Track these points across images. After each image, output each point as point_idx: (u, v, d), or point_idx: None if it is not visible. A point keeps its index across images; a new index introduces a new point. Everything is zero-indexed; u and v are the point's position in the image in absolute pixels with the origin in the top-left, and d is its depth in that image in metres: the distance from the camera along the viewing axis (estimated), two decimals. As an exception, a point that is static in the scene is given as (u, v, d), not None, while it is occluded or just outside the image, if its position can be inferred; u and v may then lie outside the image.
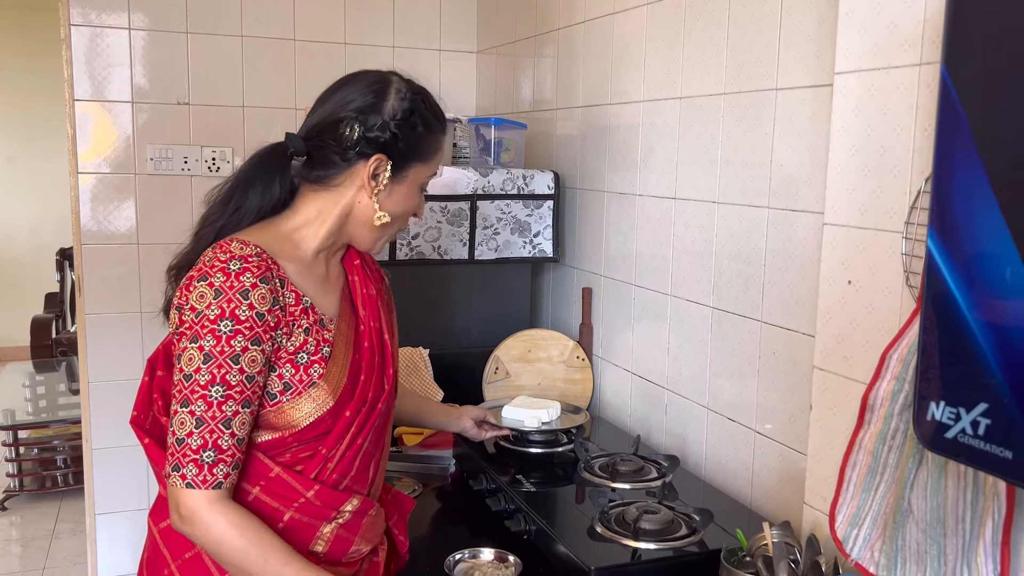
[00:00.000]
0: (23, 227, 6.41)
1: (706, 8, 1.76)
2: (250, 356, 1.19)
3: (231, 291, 1.19)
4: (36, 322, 5.12)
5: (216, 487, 1.17)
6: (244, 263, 1.21)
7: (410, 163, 1.34)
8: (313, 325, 1.28)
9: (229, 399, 1.18)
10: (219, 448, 1.18)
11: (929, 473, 1.10)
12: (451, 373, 2.27)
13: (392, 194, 1.34)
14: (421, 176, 1.37)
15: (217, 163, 2.73)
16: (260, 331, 1.20)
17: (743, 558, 1.37)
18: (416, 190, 1.38)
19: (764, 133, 1.61)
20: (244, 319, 1.19)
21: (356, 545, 1.33)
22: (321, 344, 1.28)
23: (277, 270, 1.25)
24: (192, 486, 1.16)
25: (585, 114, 2.29)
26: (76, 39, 2.57)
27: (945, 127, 0.95)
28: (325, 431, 1.29)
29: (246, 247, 1.23)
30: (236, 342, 1.18)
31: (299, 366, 1.25)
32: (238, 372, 1.19)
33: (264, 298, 1.21)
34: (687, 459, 1.86)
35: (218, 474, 1.17)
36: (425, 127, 1.34)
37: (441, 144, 1.39)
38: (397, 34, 2.92)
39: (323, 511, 1.29)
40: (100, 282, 2.66)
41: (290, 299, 1.26)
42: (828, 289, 1.36)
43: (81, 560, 3.34)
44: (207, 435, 1.17)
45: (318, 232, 1.33)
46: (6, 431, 3.96)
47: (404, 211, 1.37)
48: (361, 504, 1.33)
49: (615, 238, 2.16)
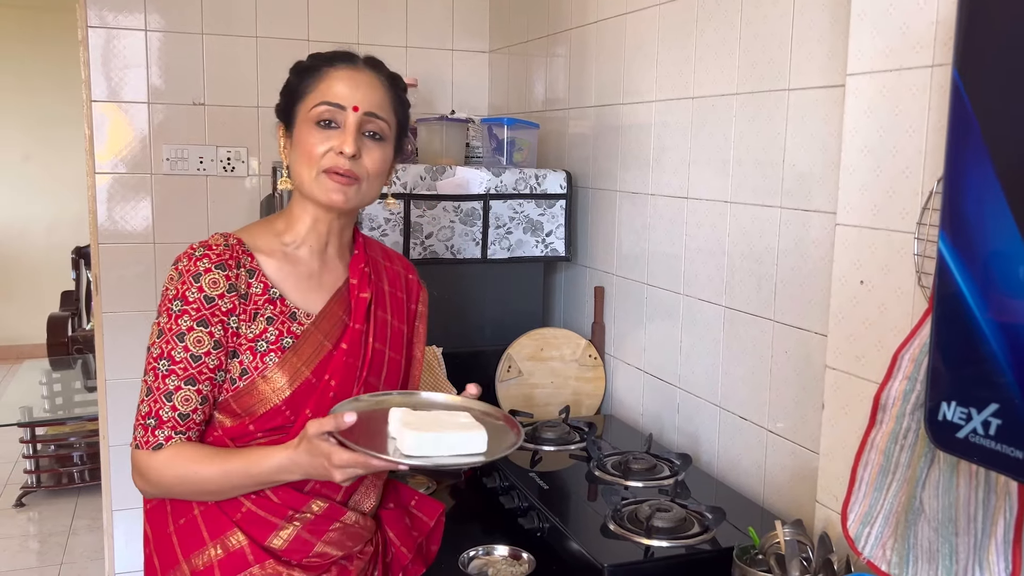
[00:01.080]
0: (39, 226, 6.47)
1: (718, 8, 1.77)
2: (195, 336, 1.28)
3: (187, 274, 1.29)
4: (52, 320, 5.17)
5: (156, 448, 1.27)
6: (206, 250, 1.31)
7: (292, 107, 1.37)
8: (278, 316, 1.32)
9: (172, 374, 1.27)
10: (159, 418, 1.27)
11: (941, 472, 1.10)
12: (464, 371, 2.28)
13: (294, 145, 1.36)
14: (306, 110, 1.33)
15: (232, 163, 2.76)
16: (207, 313, 1.28)
17: (755, 556, 1.38)
18: (307, 128, 1.33)
19: (776, 133, 1.61)
20: (192, 300, 1.28)
21: (319, 548, 1.34)
22: (284, 335, 1.32)
23: (250, 261, 1.33)
24: (138, 447, 1.28)
25: (597, 114, 2.30)
26: (93, 41, 2.60)
27: (957, 129, 0.95)
28: (284, 424, 1.32)
29: (223, 239, 1.34)
30: (182, 321, 1.28)
31: (257, 353, 1.31)
32: (183, 350, 1.27)
33: (216, 283, 1.29)
34: (699, 457, 1.87)
35: (159, 436, 1.27)
36: (295, 72, 1.38)
37: (322, 75, 1.34)
38: (410, 34, 2.94)
39: (280, 509, 1.32)
40: (117, 281, 2.70)
41: (256, 289, 1.32)
42: (840, 289, 1.37)
43: (98, 556, 3.38)
44: (151, 404, 1.28)
45: (289, 220, 1.40)
46: (24, 428, 4.00)
47: (301, 150, 1.33)
48: (328, 509, 1.34)
49: (627, 237, 2.17)
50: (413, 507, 1.55)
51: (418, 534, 1.53)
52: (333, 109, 1.31)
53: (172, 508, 1.34)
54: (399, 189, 2.18)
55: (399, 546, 1.48)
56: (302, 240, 1.38)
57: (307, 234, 1.38)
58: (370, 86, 1.34)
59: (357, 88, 1.33)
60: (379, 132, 1.35)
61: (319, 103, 1.32)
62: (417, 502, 1.56)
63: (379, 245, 1.55)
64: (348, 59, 1.36)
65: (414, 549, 1.50)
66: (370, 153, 1.34)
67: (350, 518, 1.36)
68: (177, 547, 1.32)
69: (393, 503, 1.52)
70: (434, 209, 2.22)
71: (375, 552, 1.44)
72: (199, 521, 1.31)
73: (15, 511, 3.95)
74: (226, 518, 1.31)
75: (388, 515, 1.49)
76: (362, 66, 1.36)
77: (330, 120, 1.32)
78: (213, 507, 1.31)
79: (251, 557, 1.29)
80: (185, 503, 1.33)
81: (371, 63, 1.38)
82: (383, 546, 1.47)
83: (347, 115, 1.32)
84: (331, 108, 1.31)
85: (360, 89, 1.33)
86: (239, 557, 1.29)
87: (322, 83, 1.33)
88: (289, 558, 1.32)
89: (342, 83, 1.33)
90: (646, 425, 2.09)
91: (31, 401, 4.26)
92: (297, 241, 1.38)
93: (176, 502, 1.34)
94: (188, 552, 1.31)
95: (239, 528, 1.30)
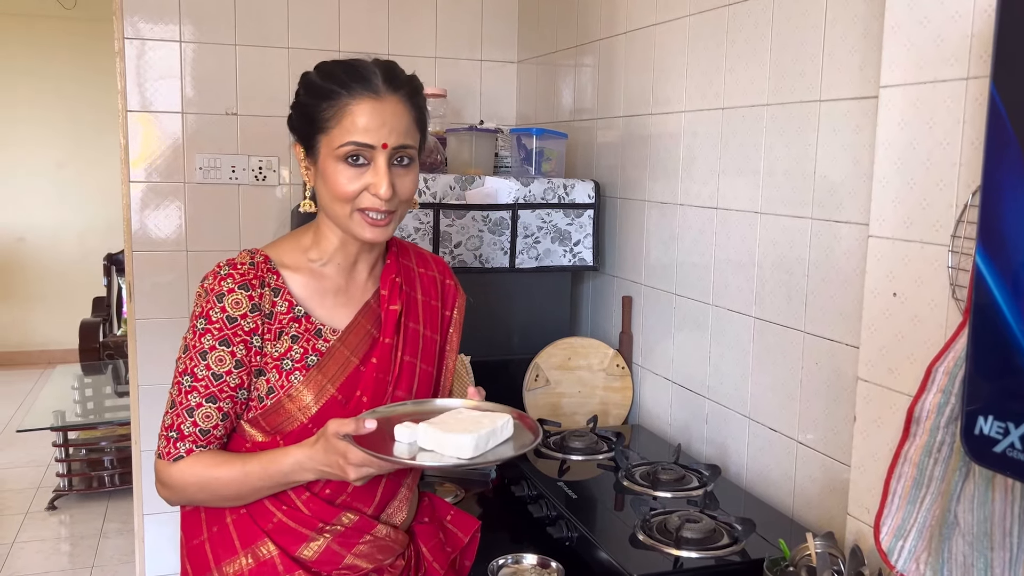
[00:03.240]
0: (72, 233, 6.57)
1: (748, 19, 1.77)
2: (217, 355, 1.29)
3: (211, 293, 1.30)
4: (84, 326, 5.24)
5: (176, 460, 1.29)
6: (231, 269, 1.31)
7: (313, 136, 1.31)
8: (303, 334, 1.32)
9: (194, 390, 1.29)
10: (181, 432, 1.29)
11: (976, 486, 1.10)
12: (492, 380, 2.29)
13: (320, 174, 1.32)
14: (332, 147, 1.28)
15: (264, 172, 2.79)
16: (229, 333, 1.29)
17: (786, 568, 1.37)
18: (333, 163, 1.29)
19: (807, 144, 1.61)
20: (215, 320, 1.29)
21: (349, 560, 1.34)
22: (309, 353, 1.32)
23: (276, 279, 1.33)
24: (160, 456, 1.31)
25: (626, 124, 2.31)
26: (129, 52, 2.65)
27: (993, 143, 0.95)
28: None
29: (249, 256, 1.33)
30: (205, 340, 1.29)
31: (283, 372, 1.31)
32: (204, 368, 1.29)
33: (239, 303, 1.29)
34: (728, 468, 1.87)
35: (180, 449, 1.29)
36: (309, 94, 1.31)
37: (342, 107, 1.27)
38: (439, 45, 2.96)
39: (311, 521, 1.32)
40: (150, 288, 2.74)
41: (282, 307, 1.32)
42: (873, 301, 1.36)
43: (129, 559, 3.42)
44: (174, 417, 1.30)
45: (316, 237, 1.38)
46: (56, 432, 4.06)
47: (331, 188, 1.29)
48: (359, 521, 1.35)
49: (656, 247, 2.18)
50: (448, 522, 1.54)
51: (452, 550, 1.53)
52: (361, 148, 1.27)
53: (207, 516, 1.36)
54: (429, 199, 2.20)
55: (431, 561, 1.48)
56: (329, 257, 1.37)
57: (334, 252, 1.37)
58: (394, 115, 1.28)
59: (384, 123, 1.27)
60: (408, 157, 1.31)
61: (346, 142, 1.27)
62: (453, 517, 1.55)
63: (414, 249, 1.52)
64: (366, 84, 1.28)
65: (447, 564, 1.50)
66: (401, 181, 1.30)
67: (381, 531, 1.37)
68: (210, 554, 1.33)
69: (428, 517, 1.52)
70: (463, 219, 2.24)
71: (407, 566, 1.44)
72: (231, 530, 1.33)
73: (47, 514, 4.00)
74: (257, 528, 1.32)
75: (422, 529, 1.49)
76: (383, 90, 1.28)
77: (358, 156, 1.28)
78: (245, 516, 1.33)
79: (281, 567, 1.30)
80: (219, 511, 1.34)
81: (389, 81, 1.30)
82: (415, 560, 1.46)
83: (376, 153, 1.27)
84: (359, 147, 1.27)
85: (387, 123, 1.27)
86: (269, 566, 1.31)
87: (345, 119, 1.27)
88: (319, 569, 1.32)
89: (366, 117, 1.26)
90: (674, 435, 2.09)
91: (63, 406, 4.32)
92: (324, 258, 1.37)
93: (210, 510, 1.35)
94: (220, 560, 1.32)
95: (270, 538, 1.31)
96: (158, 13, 2.65)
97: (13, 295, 6.60)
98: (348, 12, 2.84)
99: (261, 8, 2.74)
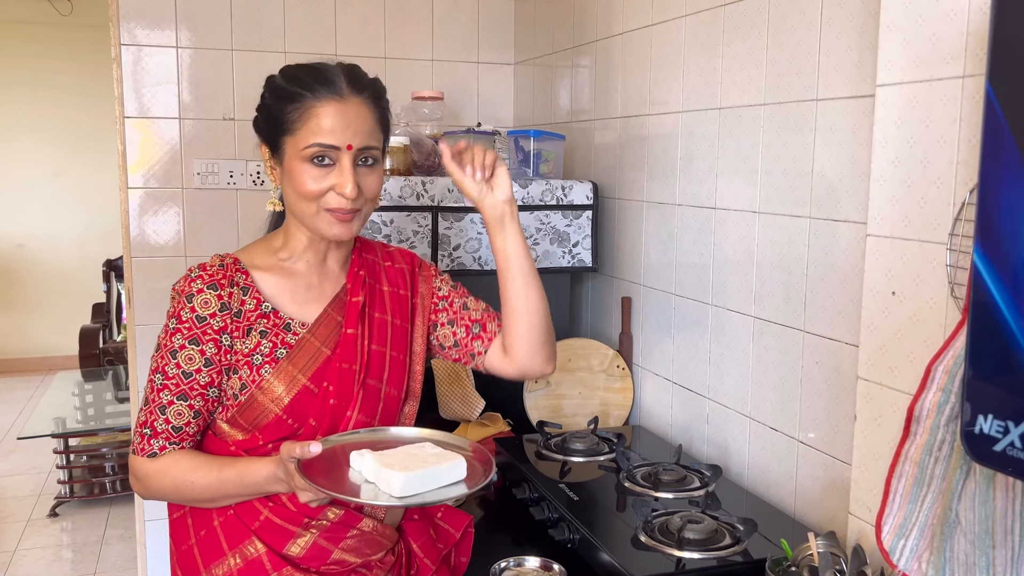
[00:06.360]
0: (71, 239, 6.58)
1: (744, 20, 1.77)
2: (187, 354, 1.32)
3: (182, 295, 1.33)
4: (84, 332, 5.25)
5: (151, 456, 1.32)
6: (200, 271, 1.35)
7: (279, 138, 1.34)
8: (271, 329, 1.35)
9: (165, 388, 1.32)
10: (154, 429, 1.32)
11: (977, 484, 1.10)
12: (492, 383, 2.29)
13: (286, 174, 1.35)
14: (297, 148, 1.31)
15: (262, 177, 2.79)
16: (199, 332, 1.32)
17: (788, 568, 1.37)
18: (299, 164, 1.32)
19: (805, 143, 1.61)
20: (185, 320, 1.32)
21: (337, 556, 1.35)
22: (278, 346, 1.35)
23: (245, 279, 1.36)
24: (134, 452, 1.34)
25: (623, 124, 2.31)
26: (126, 58, 2.64)
27: (990, 141, 0.95)
28: (290, 433, 1.35)
29: (219, 259, 1.37)
30: (176, 339, 1.32)
31: (254, 367, 1.34)
32: (175, 366, 1.32)
33: (207, 303, 1.32)
34: (729, 469, 1.87)
35: (154, 446, 1.32)
36: (274, 96, 1.35)
37: (307, 110, 1.31)
38: (436, 48, 2.96)
39: (296, 517, 1.34)
40: (148, 294, 2.73)
41: (250, 305, 1.35)
42: (872, 300, 1.36)
43: (131, 565, 3.42)
44: (148, 414, 1.33)
45: (286, 237, 1.42)
46: (57, 439, 4.06)
47: (298, 188, 1.32)
48: (344, 516, 1.36)
49: (654, 248, 2.18)
50: (439, 519, 1.55)
51: (443, 545, 1.53)
52: (326, 149, 1.31)
53: (193, 521, 1.37)
54: (427, 202, 2.20)
55: (422, 557, 1.49)
56: (299, 255, 1.41)
57: (304, 250, 1.41)
58: (358, 116, 1.32)
59: (348, 124, 1.30)
60: (372, 157, 1.35)
61: (312, 144, 1.30)
62: (443, 514, 1.56)
63: (379, 246, 1.56)
64: (330, 86, 1.31)
65: (438, 560, 1.51)
66: (366, 180, 1.34)
67: (367, 525, 1.38)
68: (198, 558, 1.35)
69: (418, 515, 1.53)
70: (461, 221, 2.24)
71: (397, 563, 1.45)
72: (219, 532, 1.35)
73: (49, 521, 4.00)
74: (244, 527, 1.33)
75: (411, 527, 1.50)
76: (347, 93, 1.32)
77: (324, 156, 1.31)
78: (232, 517, 1.34)
79: (268, 565, 1.32)
80: (206, 515, 1.36)
81: (353, 84, 1.33)
82: (407, 557, 1.48)
83: (341, 154, 1.31)
84: (324, 148, 1.30)
85: (351, 125, 1.31)
86: (257, 565, 1.32)
87: (310, 120, 1.30)
88: (307, 565, 1.34)
89: (331, 119, 1.30)
90: (675, 436, 2.09)
91: (64, 412, 4.32)
92: (294, 256, 1.41)
93: (197, 515, 1.37)
94: (208, 563, 1.34)
95: (256, 536, 1.33)
96: (155, 19, 2.65)
97: (13, 302, 6.60)
98: (344, 16, 2.84)
99: (257, 13, 2.74)
